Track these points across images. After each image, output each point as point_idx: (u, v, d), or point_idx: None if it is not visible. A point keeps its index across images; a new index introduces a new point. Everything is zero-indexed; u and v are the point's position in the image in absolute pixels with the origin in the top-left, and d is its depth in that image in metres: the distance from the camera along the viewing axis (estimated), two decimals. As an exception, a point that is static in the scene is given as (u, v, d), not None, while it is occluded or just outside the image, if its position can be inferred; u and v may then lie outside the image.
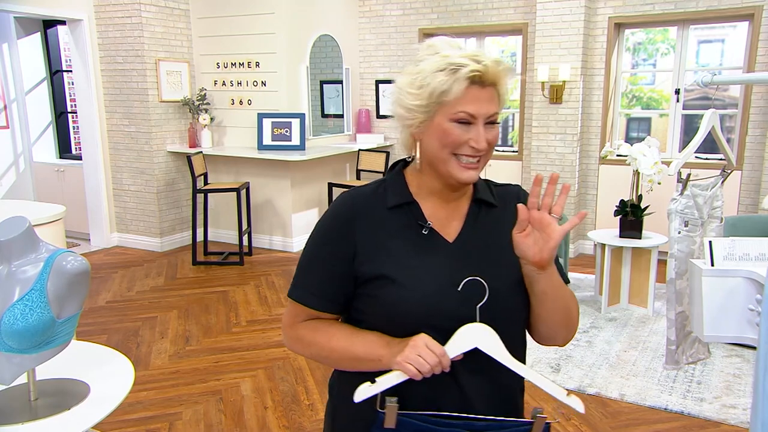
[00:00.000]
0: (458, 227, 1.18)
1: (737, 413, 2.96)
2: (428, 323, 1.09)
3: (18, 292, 1.41)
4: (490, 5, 6.02)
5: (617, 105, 5.83)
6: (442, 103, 1.08)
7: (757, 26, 5.00)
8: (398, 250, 1.14)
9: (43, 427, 1.41)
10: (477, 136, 1.09)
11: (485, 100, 1.09)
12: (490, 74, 1.08)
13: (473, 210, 1.20)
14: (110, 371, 1.67)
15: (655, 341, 3.82)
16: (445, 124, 1.09)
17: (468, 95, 1.08)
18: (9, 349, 1.41)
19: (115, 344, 3.77)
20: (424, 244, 1.15)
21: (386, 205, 1.17)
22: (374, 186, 1.22)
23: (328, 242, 1.19)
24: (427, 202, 1.18)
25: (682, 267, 3.35)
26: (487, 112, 1.09)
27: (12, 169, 6.69)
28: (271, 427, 2.88)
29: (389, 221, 1.17)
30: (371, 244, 1.15)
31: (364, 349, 1.13)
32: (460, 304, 1.09)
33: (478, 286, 1.07)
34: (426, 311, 1.10)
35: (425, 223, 1.16)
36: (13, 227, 1.45)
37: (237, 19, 5.83)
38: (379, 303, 1.14)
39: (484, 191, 1.22)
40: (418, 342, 1.06)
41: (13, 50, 6.56)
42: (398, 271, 1.13)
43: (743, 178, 5.21)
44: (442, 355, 1.05)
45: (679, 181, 3.33)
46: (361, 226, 1.16)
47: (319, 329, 1.19)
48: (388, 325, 1.13)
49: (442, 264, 1.14)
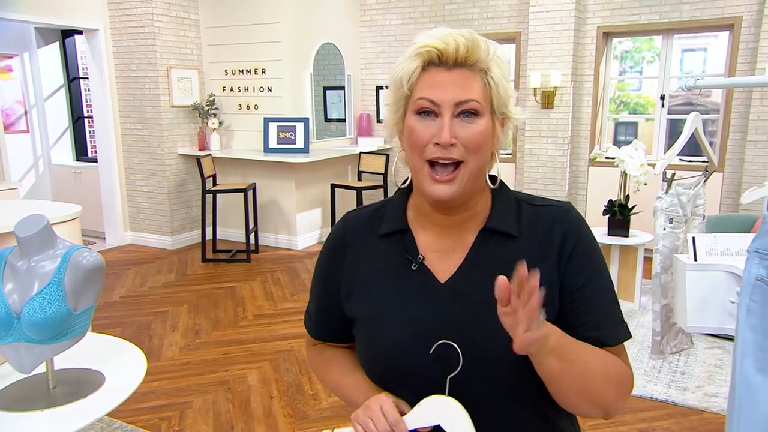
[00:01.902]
0: (457, 263, 0.92)
1: (718, 401, 2.96)
2: (397, 379, 0.92)
3: (37, 286, 1.42)
4: (485, 15, 6.02)
5: (605, 110, 5.83)
6: (406, 95, 0.87)
7: (737, 36, 5.00)
8: (379, 289, 0.94)
9: (60, 414, 1.41)
10: (438, 129, 0.84)
11: (451, 84, 0.84)
12: (452, 52, 0.84)
13: (479, 242, 0.92)
14: (124, 362, 1.67)
15: (641, 334, 3.82)
16: (410, 120, 0.87)
17: (427, 78, 0.85)
18: (29, 340, 1.41)
19: (129, 337, 3.77)
20: (411, 282, 0.92)
21: (380, 231, 0.97)
22: (376, 207, 1.02)
23: (321, 272, 1.05)
24: (426, 230, 0.95)
25: (667, 262, 3.35)
26: (455, 97, 0.84)
27: (32, 171, 6.69)
28: (277, 416, 2.88)
29: (379, 252, 0.96)
30: (355, 280, 0.97)
31: (348, 390, 1.01)
32: (432, 368, 0.87)
33: (453, 351, 0.86)
34: (391, 367, 0.92)
35: (415, 257, 0.93)
36: (32, 225, 1.45)
37: (244, 29, 5.83)
38: (361, 346, 0.99)
39: (500, 218, 0.92)
40: (373, 404, 0.88)
41: (33, 59, 6.57)
42: (371, 314, 0.94)
43: (724, 179, 5.21)
44: (395, 425, 0.85)
45: (664, 181, 3.33)
46: (350, 256, 0.99)
47: (321, 357, 1.09)
48: (368, 372, 0.98)
49: (422, 311, 0.90)
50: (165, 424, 2.80)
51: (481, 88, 0.86)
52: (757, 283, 1.45)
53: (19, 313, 1.40)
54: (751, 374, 1.43)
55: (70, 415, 1.41)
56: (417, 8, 6.34)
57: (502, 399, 0.89)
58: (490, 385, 0.88)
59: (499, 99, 0.87)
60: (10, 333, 1.41)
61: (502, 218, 0.92)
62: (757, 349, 1.44)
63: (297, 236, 5.93)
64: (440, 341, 0.86)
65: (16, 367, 1.45)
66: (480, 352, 0.86)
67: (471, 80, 0.85)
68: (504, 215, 0.93)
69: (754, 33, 4.91)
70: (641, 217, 4.63)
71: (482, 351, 0.86)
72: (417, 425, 0.88)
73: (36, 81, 6.62)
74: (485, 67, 0.86)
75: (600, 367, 0.87)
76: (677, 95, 5.67)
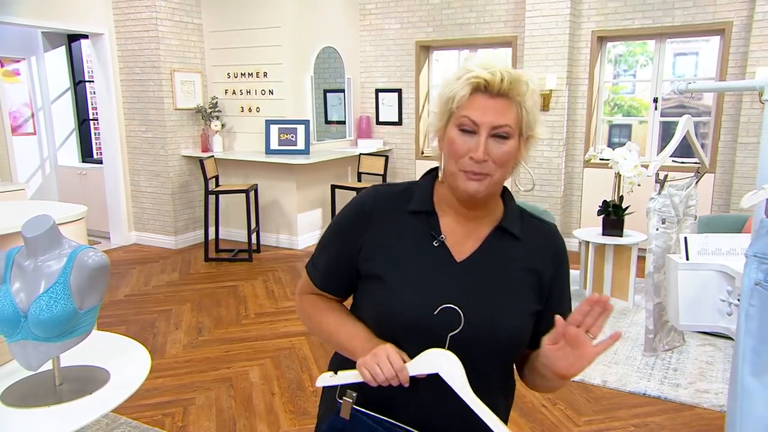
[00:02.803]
0: (472, 249, 1.07)
1: (710, 397, 2.96)
2: (407, 335, 1.03)
3: (43, 285, 1.42)
4: (482, 19, 6.02)
5: (600, 112, 5.83)
6: (452, 110, 1.01)
7: (728, 40, 5.00)
8: (402, 255, 1.07)
9: (67, 410, 1.41)
10: (476, 146, 0.99)
11: (492, 110, 0.98)
12: (497, 83, 0.98)
13: (493, 236, 1.09)
14: (129, 359, 1.67)
15: (635, 332, 3.83)
16: (451, 132, 1.02)
17: (473, 102, 0.99)
18: (35, 338, 1.41)
19: (133, 334, 3.77)
20: (431, 256, 1.06)
21: (408, 208, 1.10)
22: (404, 187, 1.14)
23: (342, 230, 1.14)
24: (447, 216, 1.09)
25: (660, 261, 3.35)
26: (493, 121, 0.98)
27: (38, 173, 6.69)
28: (278, 412, 2.88)
29: (405, 225, 1.09)
30: (379, 243, 1.09)
31: (346, 338, 1.10)
32: (437, 326, 1.01)
33: (456, 315, 1.00)
34: (405, 323, 1.03)
35: (438, 235, 1.07)
36: (39, 225, 1.45)
37: (246, 33, 5.82)
38: (371, 301, 1.10)
39: (511, 220, 1.10)
40: (380, 352, 0.99)
41: (40, 62, 6.57)
42: (393, 275, 1.06)
43: (716, 181, 5.22)
44: (400, 371, 0.98)
45: (657, 182, 3.34)
46: (375, 224, 1.10)
47: (318, 306, 1.18)
48: (375, 325, 1.09)
49: (440, 281, 1.05)
50: (169, 420, 2.80)
51: (515, 116, 1.00)
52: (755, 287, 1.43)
53: (26, 312, 1.40)
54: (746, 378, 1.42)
55: (76, 411, 1.41)
56: (415, 13, 6.34)
57: (490, 358, 1.05)
58: (483, 346, 1.03)
59: (528, 125, 1.03)
60: (17, 331, 1.41)
61: (512, 221, 1.10)
62: (753, 353, 1.43)
63: (298, 236, 5.93)
64: (445, 304, 1.01)
65: (23, 365, 1.45)
66: (480, 319, 1.02)
67: (508, 109, 1.00)
68: (513, 219, 1.10)
69: (745, 38, 4.92)
70: (635, 217, 4.64)
71: (482, 319, 1.02)
72: (418, 372, 0.99)
73: (43, 84, 6.62)
74: (521, 100, 1.00)
75: None
76: (670, 98, 5.68)
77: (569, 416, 2.82)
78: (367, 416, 1.05)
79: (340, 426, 1.07)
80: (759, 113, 4.84)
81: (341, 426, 1.07)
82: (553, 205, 5.61)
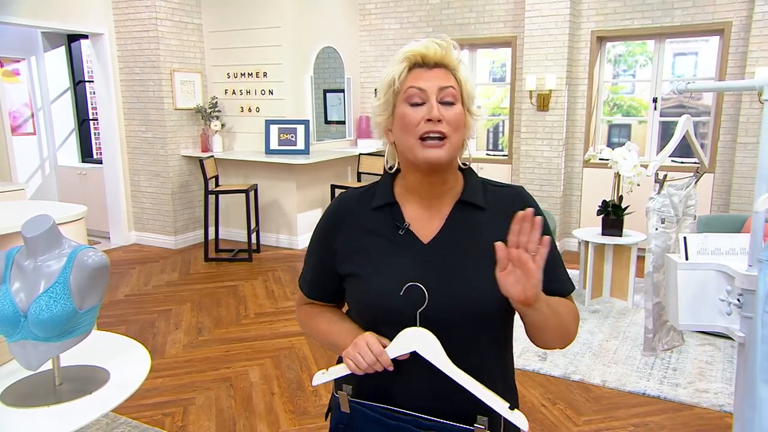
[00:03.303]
0: (437, 228, 1.10)
1: (709, 397, 2.96)
2: (385, 321, 1.06)
3: (43, 285, 1.42)
4: (482, 19, 6.02)
5: (599, 112, 5.84)
6: (396, 91, 1.06)
7: (727, 40, 5.00)
8: (372, 250, 1.11)
9: (66, 410, 1.41)
10: (429, 108, 1.02)
11: (433, 77, 1.04)
12: (431, 54, 1.04)
13: (455, 211, 1.11)
14: (128, 359, 1.67)
15: (634, 331, 3.83)
16: (401, 109, 1.05)
17: (414, 75, 1.05)
18: (35, 338, 1.41)
19: (133, 334, 3.77)
20: (399, 244, 1.10)
21: (372, 205, 1.14)
22: (366, 187, 1.20)
23: (319, 239, 1.21)
24: (410, 203, 1.13)
25: (659, 261, 3.35)
26: (438, 84, 1.03)
27: (38, 173, 6.69)
28: (278, 412, 2.88)
29: (372, 221, 1.13)
30: (352, 244, 1.14)
31: (338, 337, 1.14)
32: (405, 306, 1.03)
33: (421, 292, 1.02)
34: (378, 308, 1.08)
35: (402, 223, 1.11)
36: (38, 225, 1.45)
37: (246, 33, 5.82)
38: (351, 298, 1.15)
39: (472, 193, 1.13)
40: (359, 341, 1.04)
41: (39, 63, 6.57)
42: (366, 269, 1.10)
43: (715, 181, 5.22)
44: (380, 355, 1.02)
45: (657, 182, 3.34)
46: (346, 227, 1.15)
47: (311, 313, 1.23)
48: (360, 319, 1.14)
49: (406, 264, 1.08)
50: (169, 420, 2.80)
51: (455, 82, 1.05)
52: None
53: (26, 312, 1.40)
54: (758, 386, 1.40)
55: (76, 410, 1.41)
56: (415, 13, 6.34)
57: (465, 328, 1.06)
58: (453, 317, 1.04)
59: (467, 94, 1.07)
60: (17, 331, 1.41)
61: (473, 193, 1.12)
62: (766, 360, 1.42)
63: (298, 236, 5.93)
64: (409, 283, 1.03)
65: (23, 364, 1.45)
66: (443, 293, 1.04)
67: (447, 75, 1.05)
68: (474, 191, 1.13)
69: (744, 38, 4.92)
70: (634, 217, 4.64)
71: (445, 292, 1.04)
72: (397, 353, 1.03)
73: (42, 84, 6.61)
74: (455, 67, 1.06)
75: (567, 311, 1.10)
76: (669, 98, 5.68)
77: (569, 416, 2.82)
78: (366, 406, 1.09)
79: (345, 420, 1.12)
80: (758, 113, 4.84)
81: (346, 420, 1.11)
82: (553, 205, 5.61)
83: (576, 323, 1.14)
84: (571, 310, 1.13)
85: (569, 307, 1.13)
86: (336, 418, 1.14)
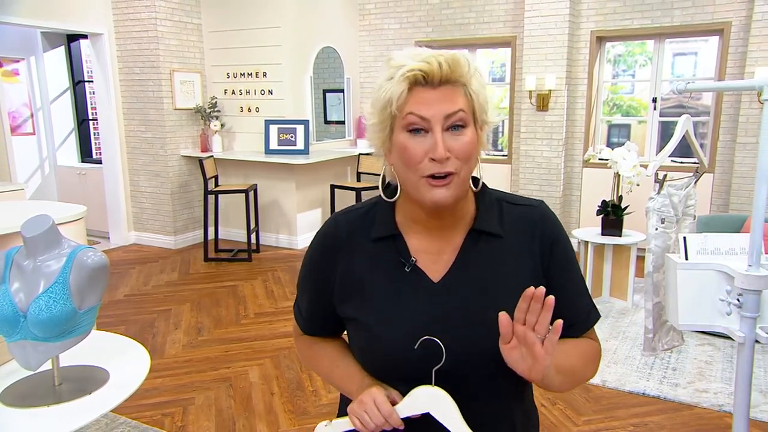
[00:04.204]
0: (448, 264, 0.96)
1: (709, 397, 2.96)
2: (393, 374, 0.96)
3: (43, 285, 1.41)
4: (481, 19, 6.02)
5: (599, 112, 5.84)
6: (393, 114, 0.88)
7: (726, 40, 5.01)
8: (375, 291, 0.97)
9: (66, 410, 1.41)
10: (433, 144, 0.86)
11: (438, 100, 0.86)
12: (436, 71, 0.86)
13: (468, 243, 0.96)
14: (128, 359, 1.67)
15: (634, 331, 3.83)
16: (400, 137, 0.89)
17: (415, 98, 0.87)
18: (35, 338, 1.41)
19: (133, 334, 3.77)
20: (406, 283, 0.95)
21: (372, 235, 0.99)
22: (366, 208, 1.03)
23: (312, 270, 1.06)
24: (415, 233, 0.97)
25: (659, 261, 3.35)
26: (443, 111, 0.86)
27: (38, 173, 6.69)
28: (278, 412, 2.88)
29: (372, 255, 0.98)
30: (350, 281, 0.99)
31: (339, 380, 1.05)
32: (420, 361, 0.91)
33: (437, 346, 0.90)
34: (387, 363, 0.95)
35: (408, 259, 0.96)
36: (38, 225, 1.45)
37: (245, 33, 5.82)
38: (355, 344, 1.02)
39: (486, 219, 0.97)
40: (366, 398, 0.92)
41: (39, 63, 6.56)
42: (368, 315, 0.97)
43: (715, 181, 5.22)
44: (389, 416, 0.90)
45: (657, 182, 3.34)
46: (342, 258, 1.00)
47: (312, 348, 1.12)
48: (364, 364, 1.01)
49: (416, 310, 0.94)
50: (168, 420, 2.79)
51: (465, 101, 0.88)
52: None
53: (26, 312, 1.40)
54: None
55: (76, 411, 1.41)
56: (415, 13, 6.34)
57: (485, 387, 0.94)
58: (473, 375, 0.93)
59: (480, 108, 0.91)
60: (16, 331, 1.41)
61: (488, 219, 0.97)
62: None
63: (297, 236, 5.93)
64: (423, 337, 0.90)
65: (22, 364, 1.45)
66: (463, 346, 0.91)
67: (455, 94, 0.88)
68: (489, 216, 0.97)
69: (743, 38, 4.92)
70: (634, 217, 4.64)
71: (465, 346, 0.91)
72: (408, 413, 0.92)
73: (42, 84, 6.61)
74: (466, 82, 0.89)
75: (584, 362, 0.98)
76: (669, 98, 5.68)
77: (568, 416, 2.82)
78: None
79: None
80: (758, 113, 4.84)
81: None
82: (553, 205, 5.61)
83: (595, 365, 1.01)
84: (590, 353, 1.01)
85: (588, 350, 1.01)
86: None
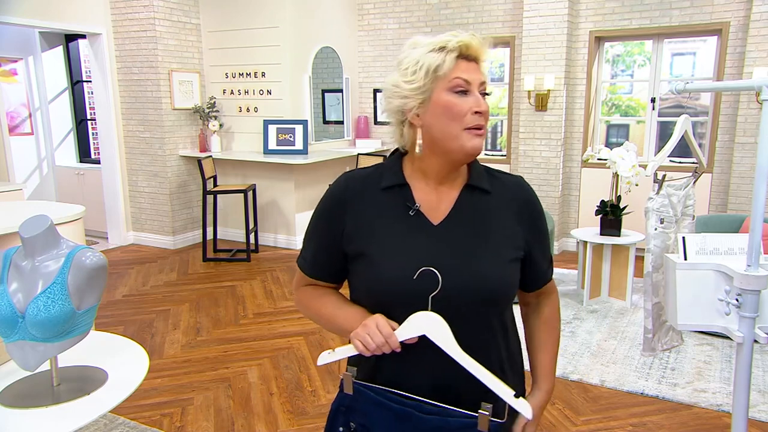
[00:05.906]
0: (446, 211, 1.13)
1: (707, 396, 2.97)
2: (396, 304, 1.07)
3: (41, 285, 1.41)
4: (480, 19, 6.02)
5: (598, 112, 5.84)
6: (437, 78, 1.06)
7: (725, 40, 5.01)
8: (382, 230, 1.12)
9: (64, 411, 1.41)
10: (477, 100, 1.07)
11: (474, 70, 1.08)
12: (474, 47, 1.07)
13: (464, 195, 1.14)
14: (127, 359, 1.67)
15: (632, 331, 3.83)
16: (444, 97, 1.07)
17: (459, 66, 1.07)
18: (33, 338, 1.41)
19: (131, 335, 3.76)
20: (410, 225, 1.11)
21: (380, 186, 1.15)
22: (372, 169, 1.20)
23: (322, 219, 1.19)
24: (420, 185, 1.14)
25: (658, 261, 3.35)
26: (478, 79, 1.08)
27: (36, 173, 6.68)
28: (276, 412, 2.88)
29: (380, 201, 1.14)
30: (359, 224, 1.13)
31: (343, 321, 1.14)
32: (418, 290, 1.05)
33: (434, 276, 1.04)
34: (389, 290, 1.08)
35: (413, 204, 1.12)
36: (36, 225, 1.44)
37: (244, 33, 5.82)
38: (360, 279, 1.14)
39: (478, 177, 1.16)
40: (369, 322, 1.04)
41: (37, 62, 6.55)
42: (377, 250, 1.10)
43: (713, 181, 5.23)
44: (389, 337, 1.02)
45: (656, 182, 3.34)
46: (352, 207, 1.14)
47: (314, 295, 1.23)
48: (368, 300, 1.13)
49: (418, 246, 1.09)
50: (167, 421, 2.79)
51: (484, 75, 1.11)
52: None
53: (24, 312, 1.40)
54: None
55: (74, 411, 1.40)
56: (413, 13, 6.34)
57: (474, 308, 1.08)
58: (463, 303, 1.07)
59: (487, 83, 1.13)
60: (15, 331, 1.41)
61: (479, 179, 1.16)
62: None
63: (296, 236, 5.93)
64: (422, 268, 1.04)
65: (21, 365, 1.44)
66: (457, 276, 1.06)
67: (481, 69, 1.10)
68: (480, 176, 1.16)
69: (742, 38, 4.93)
70: (633, 217, 4.65)
71: (459, 276, 1.06)
72: (407, 336, 1.03)
73: (40, 84, 6.60)
74: (484, 62, 1.11)
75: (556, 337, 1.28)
76: (667, 98, 5.68)
77: (567, 416, 2.82)
78: (369, 389, 1.10)
79: (347, 402, 1.13)
80: (756, 113, 4.85)
81: (348, 402, 1.13)
82: (551, 205, 5.62)
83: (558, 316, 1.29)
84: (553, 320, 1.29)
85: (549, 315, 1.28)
86: (338, 400, 1.15)
